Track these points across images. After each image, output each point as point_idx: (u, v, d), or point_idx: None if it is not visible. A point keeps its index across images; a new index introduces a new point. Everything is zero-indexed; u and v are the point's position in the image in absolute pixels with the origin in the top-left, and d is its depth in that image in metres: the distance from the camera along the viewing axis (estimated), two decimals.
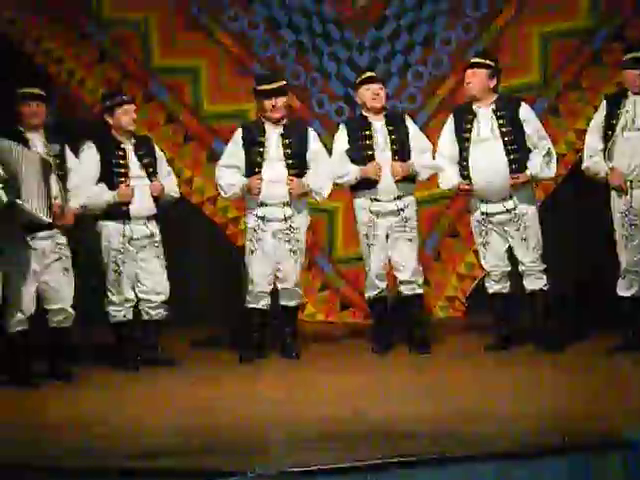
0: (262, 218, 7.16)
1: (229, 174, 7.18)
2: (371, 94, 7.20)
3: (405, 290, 7.29)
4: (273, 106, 7.15)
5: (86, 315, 6.95)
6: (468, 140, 6.96)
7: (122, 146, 7.02)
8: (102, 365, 7.05)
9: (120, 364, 6.97)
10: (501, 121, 6.92)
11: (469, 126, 6.97)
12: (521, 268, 7.03)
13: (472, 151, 6.95)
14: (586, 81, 8.37)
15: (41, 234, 6.60)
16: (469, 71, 7.03)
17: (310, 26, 8.74)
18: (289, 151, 7.15)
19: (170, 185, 7.15)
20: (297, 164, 7.16)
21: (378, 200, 7.16)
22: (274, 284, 7.28)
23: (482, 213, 7.03)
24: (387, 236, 7.22)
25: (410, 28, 8.67)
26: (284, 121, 7.25)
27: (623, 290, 6.73)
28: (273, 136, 7.17)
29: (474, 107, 7.02)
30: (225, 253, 8.73)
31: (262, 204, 7.15)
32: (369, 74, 7.32)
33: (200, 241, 8.72)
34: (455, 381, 6.36)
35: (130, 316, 7.03)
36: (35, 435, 5.48)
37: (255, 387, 6.53)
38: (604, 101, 6.88)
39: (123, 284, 6.98)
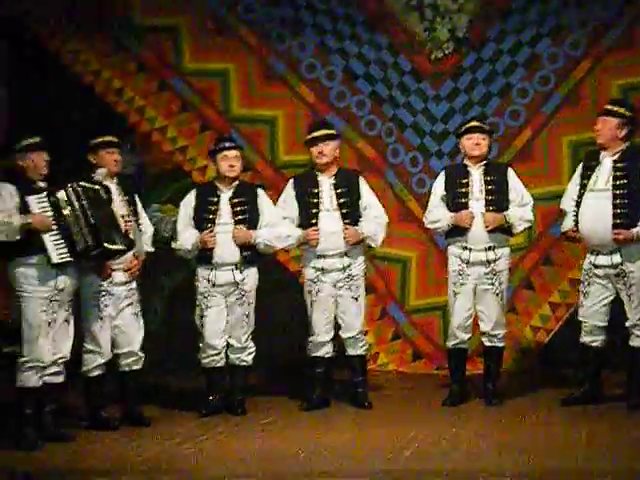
0: (321, 270, 7.20)
1: (284, 226, 7.23)
2: (471, 144, 7.22)
3: (486, 341, 7.26)
4: (320, 152, 7.21)
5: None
6: (585, 187, 6.95)
7: (218, 192, 7.13)
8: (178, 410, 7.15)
9: (202, 409, 7.05)
10: (619, 173, 6.85)
11: (590, 173, 6.95)
12: (627, 324, 6.95)
13: (585, 199, 6.94)
14: None
15: (117, 280, 6.73)
16: (599, 118, 7.00)
17: (386, 77, 8.81)
18: (343, 200, 7.21)
19: (267, 234, 7.13)
20: (351, 213, 7.22)
21: (468, 249, 7.16)
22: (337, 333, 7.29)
23: (590, 263, 6.97)
24: (475, 287, 7.20)
25: (486, 80, 8.69)
26: (335, 170, 7.30)
27: None
28: (326, 186, 7.24)
29: (600, 156, 6.99)
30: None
31: (320, 256, 7.19)
32: (473, 124, 7.31)
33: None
34: (524, 438, 6.25)
35: (216, 363, 7.10)
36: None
37: (324, 437, 6.50)
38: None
39: (207, 329, 7.07)
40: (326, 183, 7.25)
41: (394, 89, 8.81)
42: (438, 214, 7.27)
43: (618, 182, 6.81)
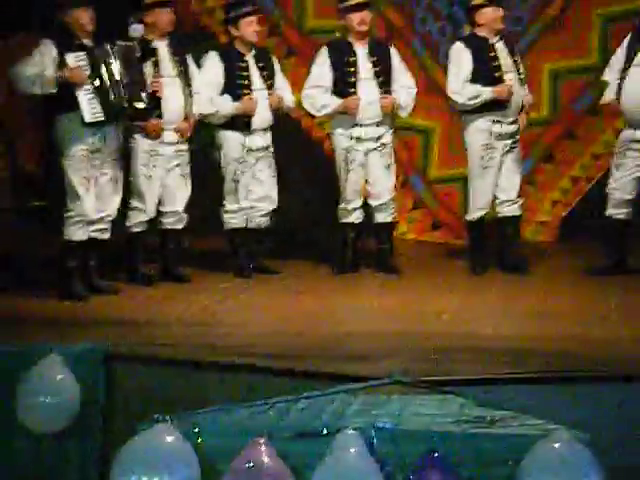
0: (357, 139, 7.24)
1: (319, 94, 7.23)
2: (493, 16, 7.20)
3: (506, 211, 7.37)
4: (362, 20, 7.17)
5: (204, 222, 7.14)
6: (631, 62, 6.94)
7: (245, 58, 7.12)
8: (217, 270, 7.26)
9: (234, 270, 7.17)
10: None
11: (638, 48, 6.95)
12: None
13: (630, 74, 6.94)
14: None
15: (167, 140, 6.78)
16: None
17: None
18: (379, 69, 7.22)
19: (287, 96, 7.25)
20: (386, 82, 7.24)
21: (499, 122, 7.21)
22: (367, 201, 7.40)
23: (627, 136, 7.01)
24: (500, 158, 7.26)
25: None
26: (368, 39, 7.28)
27: None
28: (362, 55, 7.23)
29: None
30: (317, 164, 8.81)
31: (356, 125, 7.22)
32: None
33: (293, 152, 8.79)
34: (553, 304, 6.42)
35: (244, 224, 7.20)
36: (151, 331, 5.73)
37: (358, 299, 6.65)
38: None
39: (240, 193, 7.15)
40: (361, 51, 7.24)
41: None
42: (476, 89, 7.22)
43: None
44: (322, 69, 7.27)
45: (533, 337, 5.56)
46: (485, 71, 7.23)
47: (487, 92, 7.19)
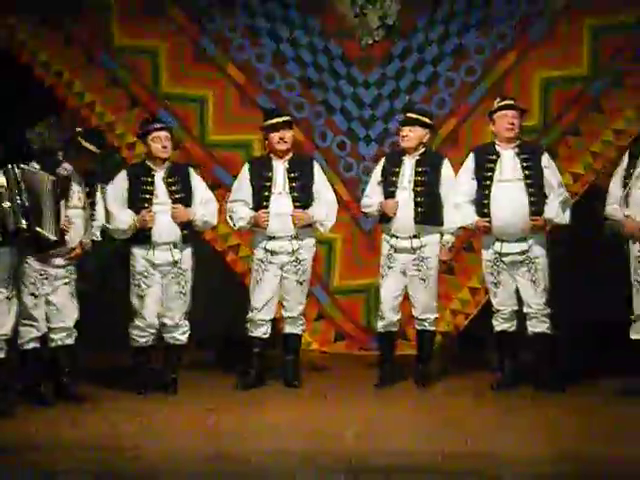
0: (270, 251, 7.31)
1: (238, 207, 7.35)
2: (401, 135, 7.44)
3: (417, 325, 7.49)
4: (280, 138, 7.33)
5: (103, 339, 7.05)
6: (490, 179, 7.13)
7: (152, 173, 7.15)
8: (118, 389, 7.16)
9: (134, 388, 7.07)
10: (525, 164, 7.10)
11: (492, 166, 7.15)
12: (526, 310, 7.20)
13: (494, 190, 7.13)
14: (584, 127, 8.59)
15: (56, 262, 6.75)
16: (509, 112, 7.17)
17: (316, 61, 8.92)
18: (295, 184, 7.33)
19: (204, 211, 7.23)
20: (303, 197, 7.35)
21: (396, 236, 7.35)
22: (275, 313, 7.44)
23: (495, 252, 7.19)
24: (404, 272, 7.38)
25: (415, 68, 8.87)
26: (290, 155, 7.42)
27: (635, 334, 6.85)
28: (280, 170, 7.35)
29: (497, 148, 7.21)
30: (223, 278, 8.85)
31: (270, 237, 7.30)
32: (407, 115, 7.45)
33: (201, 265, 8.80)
34: (461, 419, 6.46)
35: (151, 342, 7.14)
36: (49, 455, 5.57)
37: (263, 416, 6.60)
38: (627, 150, 7.07)
39: (146, 309, 7.09)
40: (280, 167, 7.36)
41: (324, 73, 8.93)
42: (371, 199, 7.47)
43: (527, 172, 7.08)
44: (242, 184, 7.41)
45: (436, 452, 5.56)
46: (385, 185, 7.39)
47: (376, 204, 7.40)
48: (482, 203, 7.15)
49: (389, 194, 7.35)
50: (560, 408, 6.60)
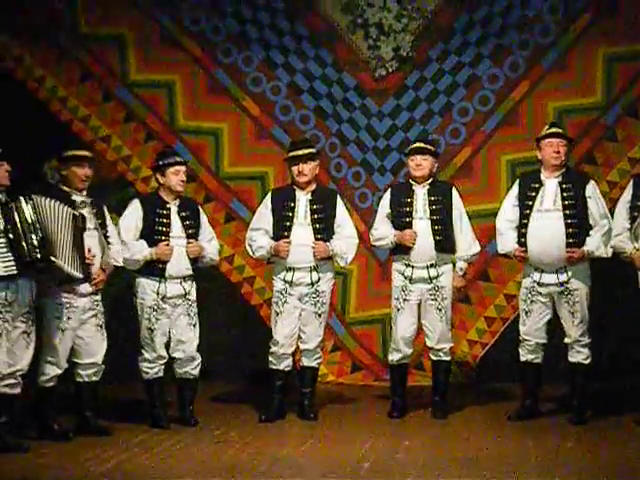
0: (290, 282, 7.31)
1: (259, 236, 7.36)
2: (414, 164, 7.42)
3: (432, 356, 7.47)
4: (299, 171, 7.35)
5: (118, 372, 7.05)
6: (531, 208, 7.10)
7: (167, 205, 7.16)
8: (131, 422, 7.16)
9: (151, 422, 7.08)
10: (566, 194, 7.05)
11: (534, 194, 7.12)
12: (566, 340, 7.16)
13: (532, 219, 7.09)
14: (600, 155, 8.59)
15: (82, 291, 6.72)
16: (555, 140, 7.14)
17: (330, 93, 8.96)
18: (317, 216, 7.34)
19: (211, 249, 7.28)
20: (324, 229, 7.35)
21: (411, 266, 7.33)
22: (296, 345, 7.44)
23: (533, 281, 7.15)
24: (419, 303, 7.37)
25: (428, 98, 8.90)
26: (313, 187, 7.43)
27: None
28: (302, 201, 7.36)
29: (542, 177, 7.18)
30: (242, 311, 8.87)
31: (290, 269, 7.30)
32: (416, 145, 7.48)
33: (218, 298, 8.82)
34: (477, 451, 6.42)
35: (161, 374, 7.13)
36: None
37: (280, 449, 6.57)
38: (631, 181, 7.04)
39: (156, 341, 7.10)
40: (303, 198, 7.38)
41: (338, 105, 8.96)
42: (383, 231, 7.45)
43: (567, 202, 7.03)
44: (263, 212, 7.42)
45: None
46: (397, 216, 7.39)
47: (391, 236, 7.37)
48: (521, 232, 7.13)
49: (405, 225, 7.34)
50: (579, 440, 6.59)
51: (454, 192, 7.46)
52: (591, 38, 8.60)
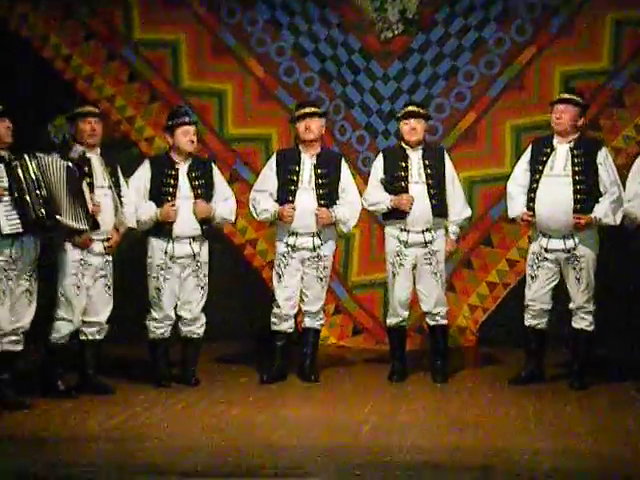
0: (292, 246, 7.32)
1: (263, 199, 7.34)
2: (408, 128, 7.36)
3: (429, 321, 7.45)
4: (306, 127, 7.31)
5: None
6: (541, 173, 7.07)
7: (176, 166, 7.13)
8: (135, 381, 7.20)
9: (154, 381, 7.11)
10: (577, 159, 7.01)
11: (545, 159, 7.08)
12: (571, 306, 7.14)
13: (542, 184, 7.07)
14: (606, 122, 8.55)
15: (96, 250, 6.75)
16: (561, 106, 7.08)
17: (335, 55, 8.90)
18: (321, 181, 7.32)
19: (224, 209, 7.23)
20: (327, 194, 7.33)
21: (407, 230, 7.31)
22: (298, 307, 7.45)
23: (540, 246, 7.12)
24: (413, 267, 7.37)
25: (434, 61, 8.84)
26: (318, 150, 7.40)
27: None
28: (307, 165, 7.33)
29: (554, 142, 7.13)
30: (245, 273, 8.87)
31: (293, 233, 7.30)
32: (410, 109, 7.42)
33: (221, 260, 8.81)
34: (477, 414, 6.45)
35: (167, 335, 7.16)
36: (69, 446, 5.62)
37: (282, 410, 6.59)
38: None
39: (164, 301, 7.10)
40: (308, 162, 7.34)
41: (343, 67, 8.91)
42: (378, 196, 7.39)
43: (576, 168, 6.99)
44: (268, 174, 7.38)
45: (455, 448, 5.57)
46: (392, 180, 7.34)
47: (387, 200, 7.31)
48: (530, 196, 7.10)
49: (401, 189, 7.31)
50: (580, 405, 6.61)
51: (446, 156, 7.44)
52: (600, 1, 8.53)
